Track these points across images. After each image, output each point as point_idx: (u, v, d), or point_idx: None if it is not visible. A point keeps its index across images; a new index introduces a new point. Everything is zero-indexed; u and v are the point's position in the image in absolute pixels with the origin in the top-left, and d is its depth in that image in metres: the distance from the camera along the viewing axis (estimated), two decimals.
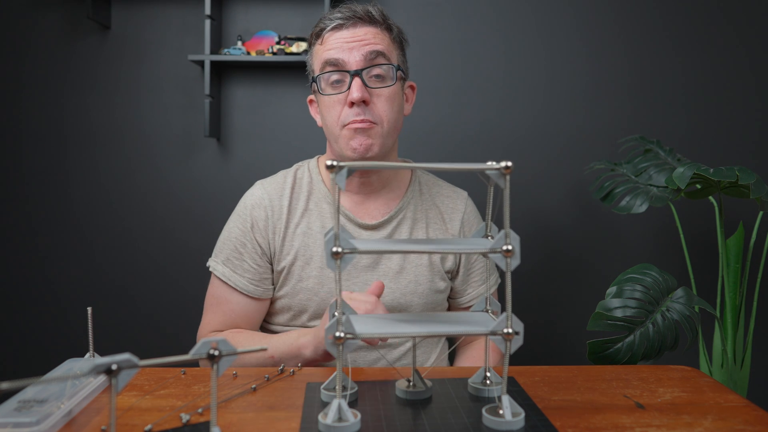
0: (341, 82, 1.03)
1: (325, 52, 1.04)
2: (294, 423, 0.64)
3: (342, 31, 1.03)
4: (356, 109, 1.01)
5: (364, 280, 1.08)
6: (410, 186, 1.16)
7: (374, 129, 1.02)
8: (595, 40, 1.94)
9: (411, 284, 1.09)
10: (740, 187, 1.43)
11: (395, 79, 1.05)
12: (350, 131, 1.02)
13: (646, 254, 1.93)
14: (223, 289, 1.09)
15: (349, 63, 1.02)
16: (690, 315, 1.24)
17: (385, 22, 1.07)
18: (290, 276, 1.08)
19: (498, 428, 0.62)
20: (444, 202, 1.17)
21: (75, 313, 2.01)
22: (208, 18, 1.84)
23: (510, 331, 0.61)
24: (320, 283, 1.07)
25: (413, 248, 0.63)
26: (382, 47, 1.03)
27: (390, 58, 1.05)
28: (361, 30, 1.03)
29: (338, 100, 1.03)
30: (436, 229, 1.14)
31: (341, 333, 0.59)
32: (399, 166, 0.63)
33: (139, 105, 1.99)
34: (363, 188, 1.11)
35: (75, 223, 2.01)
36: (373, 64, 1.02)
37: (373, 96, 1.02)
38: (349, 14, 1.04)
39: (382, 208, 1.12)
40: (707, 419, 0.66)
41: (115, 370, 0.46)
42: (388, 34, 1.07)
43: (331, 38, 1.04)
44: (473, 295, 1.17)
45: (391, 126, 1.05)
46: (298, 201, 1.11)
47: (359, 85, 1.00)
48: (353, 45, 1.02)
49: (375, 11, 1.05)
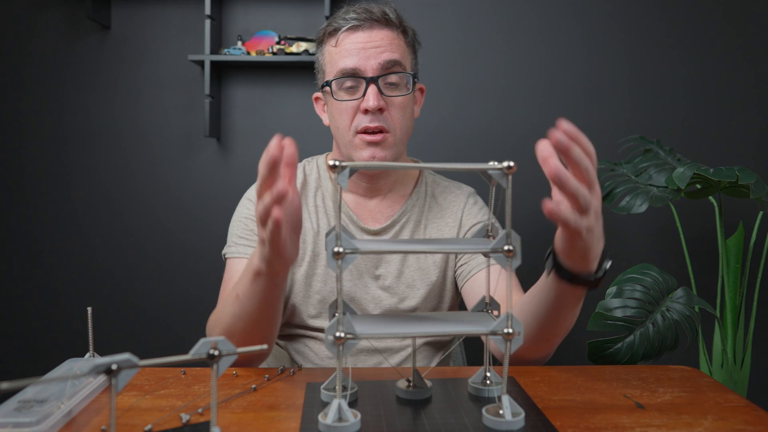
0: (356, 88, 1.01)
1: (340, 58, 1.01)
2: (294, 423, 0.64)
3: (357, 34, 1.00)
4: (370, 115, 0.99)
5: (365, 283, 1.07)
6: (416, 187, 1.13)
7: (387, 140, 1.01)
8: (595, 40, 1.94)
9: (408, 289, 1.08)
10: (740, 187, 1.43)
11: (411, 88, 1.03)
12: (363, 142, 1.00)
13: (646, 254, 1.93)
14: (238, 266, 1.01)
15: (366, 71, 0.99)
16: (690, 315, 1.24)
17: (401, 24, 1.04)
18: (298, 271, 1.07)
19: (498, 428, 0.62)
20: (447, 198, 1.14)
21: (75, 313, 2.01)
22: (208, 18, 1.84)
23: (510, 331, 0.61)
24: (324, 282, 1.06)
25: (414, 248, 0.63)
26: (398, 55, 1.01)
27: (405, 65, 1.03)
28: (378, 34, 1.01)
29: (352, 106, 1.01)
30: (433, 228, 1.12)
31: (341, 333, 0.59)
32: (400, 166, 0.64)
33: (139, 105, 1.99)
34: (370, 192, 1.10)
35: (75, 223, 2.01)
36: (390, 72, 1.00)
37: (387, 103, 1.00)
38: (365, 15, 1.01)
39: (386, 210, 1.10)
40: (707, 419, 0.66)
41: (115, 369, 0.46)
42: (403, 37, 1.04)
43: (346, 41, 1.01)
44: (473, 264, 1.08)
45: (404, 133, 1.04)
46: (307, 197, 1.10)
47: (375, 94, 0.98)
48: (370, 52, 0.99)
49: (391, 12, 1.03)
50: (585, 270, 0.72)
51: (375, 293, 1.07)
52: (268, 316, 0.82)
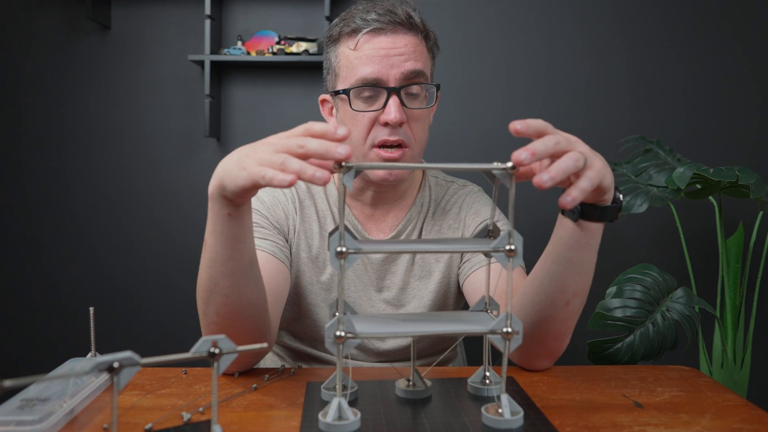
0: (375, 98, 0.93)
1: (360, 65, 0.92)
2: (294, 422, 0.64)
3: (380, 38, 0.92)
4: (389, 129, 0.92)
5: (368, 295, 1.06)
6: (420, 192, 1.08)
7: (405, 155, 0.94)
8: (595, 40, 1.95)
9: (414, 299, 1.06)
10: (740, 187, 1.44)
11: (435, 98, 0.97)
12: (380, 158, 0.93)
13: (646, 254, 1.93)
14: None
15: (388, 80, 0.92)
16: (690, 315, 1.25)
17: (425, 29, 0.96)
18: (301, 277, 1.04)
19: (497, 427, 0.62)
20: (449, 201, 1.09)
21: (76, 313, 2.01)
22: (208, 18, 1.84)
23: (509, 330, 0.61)
24: (327, 290, 1.04)
25: (416, 248, 0.63)
26: (422, 65, 0.93)
27: (428, 74, 0.96)
28: (402, 39, 0.93)
29: (369, 118, 0.93)
30: (437, 234, 1.09)
31: (341, 332, 0.59)
32: (403, 166, 0.64)
33: (139, 105, 2.00)
34: (376, 200, 1.04)
35: (75, 223, 2.01)
36: (413, 83, 0.93)
37: (407, 116, 0.93)
38: (388, 18, 0.92)
39: (391, 220, 1.06)
40: (705, 418, 0.66)
41: (117, 367, 0.46)
42: (425, 43, 0.97)
43: (367, 45, 0.92)
44: (475, 261, 1.06)
45: (422, 147, 0.97)
46: (315, 202, 1.05)
47: (398, 106, 0.91)
48: (393, 60, 0.91)
49: (416, 15, 0.95)
50: (603, 199, 0.71)
51: (379, 306, 1.05)
52: (241, 265, 0.74)
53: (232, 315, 0.76)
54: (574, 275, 0.76)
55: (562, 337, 0.82)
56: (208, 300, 0.76)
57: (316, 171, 0.59)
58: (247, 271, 0.76)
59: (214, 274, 0.75)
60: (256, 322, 0.79)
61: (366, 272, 1.04)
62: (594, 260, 0.77)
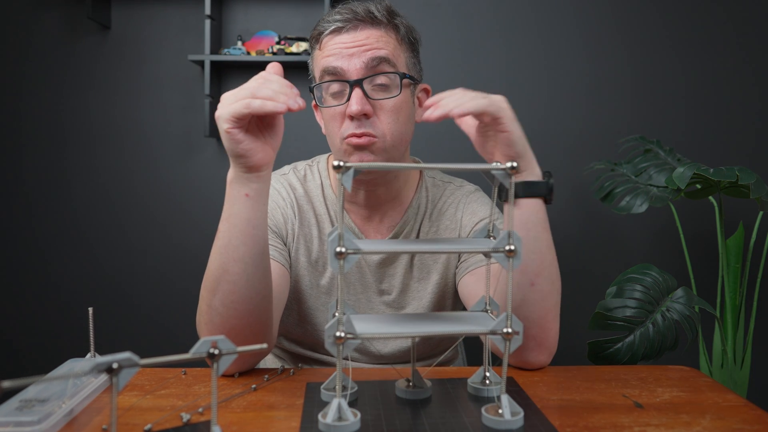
0: (342, 92, 0.93)
1: (323, 59, 0.94)
2: (294, 422, 0.64)
3: (341, 35, 0.93)
4: (356, 122, 0.92)
5: (368, 297, 1.06)
6: (416, 193, 1.07)
7: (375, 144, 0.93)
8: (595, 40, 1.94)
9: (414, 301, 1.06)
10: (740, 187, 1.44)
11: (401, 88, 0.94)
12: (349, 147, 0.93)
13: (646, 254, 1.93)
14: None
15: (349, 72, 0.92)
16: (690, 315, 1.25)
17: (391, 21, 0.96)
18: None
19: (497, 427, 0.62)
20: (446, 201, 1.08)
21: (76, 313, 2.01)
22: (208, 18, 1.84)
23: (509, 330, 0.61)
24: (327, 293, 1.04)
25: (415, 248, 0.63)
26: (386, 52, 0.93)
27: (396, 63, 0.94)
28: (363, 33, 0.93)
29: (339, 112, 0.94)
30: (433, 236, 1.09)
31: (341, 333, 0.59)
32: (402, 166, 0.64)
33: (139, 105, 2.00)
34: (370, 201, 1.03)
35: (75, 223, 2.01)
36: (376, 72, 0.92)
37: (375, 107, 0.93)
38: (348, 15, 0.94)
39: (388, 222, 1.05)
40: (705, 418, 0.66)
41: (116, 368, 0.46)
42: (394, 34, 0.96)
43: (330, 43, 0.94)
44: (471, 261, 1.05)
45: (396, 139, 0.95)
46: (314, 204, 1.05)
47: (359, 98, 0.91)
48: (353, 51, 0.92)
49: (378, 9, 0.95)
50: (530, 171, 0.79)
51: (379, 309, 1.05)
52: (253, 252, 0.76)
53: (237, 305, 0.77)
54: (528, 254, 0.79)
55: (542, 322, 0.82)
56: (215, 289, 0.77)
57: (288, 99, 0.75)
58: (257, 260, 0.78)
59: (224, 261, 0.77)
60: (260, 316, 0.79)
61: (365, 275, 1.04)
62: (546, 238, 0.81)
